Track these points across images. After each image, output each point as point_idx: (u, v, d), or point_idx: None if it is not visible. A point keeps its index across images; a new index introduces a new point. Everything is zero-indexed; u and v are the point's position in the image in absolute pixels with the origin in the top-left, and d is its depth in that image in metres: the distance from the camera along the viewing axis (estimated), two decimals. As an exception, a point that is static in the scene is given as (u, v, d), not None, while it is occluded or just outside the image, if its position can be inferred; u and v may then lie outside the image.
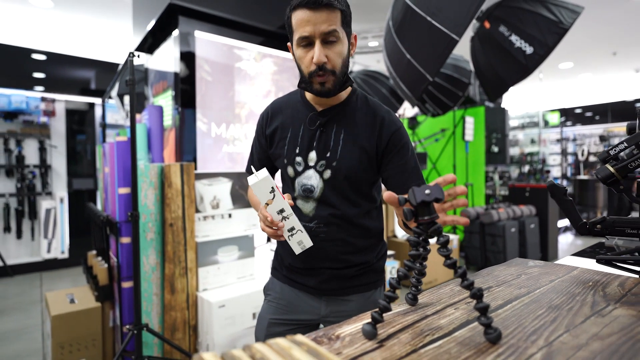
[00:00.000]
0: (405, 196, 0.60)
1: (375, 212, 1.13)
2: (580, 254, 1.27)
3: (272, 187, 0.91)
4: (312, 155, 1.04)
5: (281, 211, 0.93)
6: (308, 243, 0.99)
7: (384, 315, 0.64)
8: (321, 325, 1.17)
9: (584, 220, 1.00)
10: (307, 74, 0.97)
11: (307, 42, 0.94)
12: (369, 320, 0.59)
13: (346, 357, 0.50)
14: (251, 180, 0.90)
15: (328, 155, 1.02)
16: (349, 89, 1.08)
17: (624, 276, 0.88)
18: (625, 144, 0.98)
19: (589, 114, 10.48)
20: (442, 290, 0.80)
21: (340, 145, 1.02)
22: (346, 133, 1.03)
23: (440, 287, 0.82)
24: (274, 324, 1.11)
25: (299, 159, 1.05)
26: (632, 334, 0.57)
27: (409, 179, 1.02)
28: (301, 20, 0.92)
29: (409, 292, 0.71)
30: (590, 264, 1.10)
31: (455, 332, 0.59)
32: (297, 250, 0.99)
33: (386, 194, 0.65)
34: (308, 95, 1.08)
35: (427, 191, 0.57)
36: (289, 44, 1.04)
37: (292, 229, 0.96)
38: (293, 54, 1.02)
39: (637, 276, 0.89)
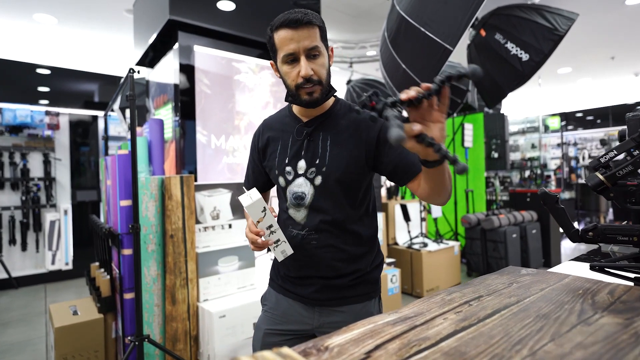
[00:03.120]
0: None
1: (367, 219, 1.14)
2: (577, 260, 1.28)
3: (264, 207, 1.00)
4: (301, 163, 1.08)
5: (270, 227, 1.02)
6: (289, 251, 1.07)
7: (374, 325, 0.66)
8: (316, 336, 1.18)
9: (576, 228, 1.02)
10: (294, 87, 1.03)
11: (293, 59, 1.00)
12: (360, 327, 0.61)
13: (333, 368, 0.52)
14: (245, 201, 0.99)
15: (317, 162, 1.07)
16: (333, 98, 1.14)
17: (615, 284, 0.89)
18: (615, 152, 1.00)
19: (589, 117, 10.47)
20: (433, 299, 0.82)
21: (328, 151, 1.07)
22: (332, 139, 1.07)
23: (432, 296, 0.84)
24: (269, 334, 1.14)
25: (288, 168, 1.10)
26: (615, 343, 0.58)
27: (405, 171, 1.03)
28: (284, 39, 0.99)
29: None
30: (586, 270, 1.11)
31: (441, 343, 0.60)
32: (280, 257, 1.07)
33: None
34: (295, 108, 1.14)
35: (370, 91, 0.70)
36: (271, 62, 1.10)
37: (278, 240, 1.05)
38: (277, 71, 1.08)
39: (630, 283, 0.90)
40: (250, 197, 0.99)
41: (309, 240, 1.08)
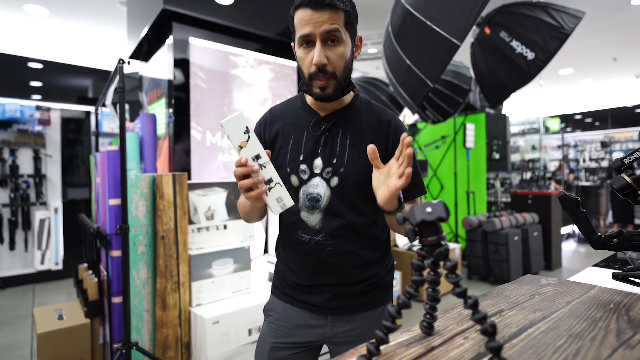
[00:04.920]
0: (405, 214, 0.54)
1: (381, 220, 1.07)
2: (596, 266, 1.20)
3: (247, 127, 0.82)
4: (318, 162, 0.99)
5: (257, 157, 0.84)
6: (289, 201, 0.87)
7: (386, 346, 0.57)
8: (325, 348, 1.12)
9: (599, 234, 0.93)
10: (307, 76, 0.94)
11: (308, 42, 0.92)
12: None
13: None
14: (224, 120, 0.82)
15: (334, 161, 0.98)
16: (352, 93, 1.05)
17: (647, 297, 0.81)
18: (641, 152, 0.91)
19: (589, 119, 10.44)
20: (449, 314, 0.73)
21: (347, 151, 0.98)
22: (352, 138, 0.99)
23: (447, 310, 0.75)
24: (276, 348, 1.05)
25: (303, 166, 0.99)
26: (670, 372, 0.50)
27: (411, 187, 0.99)
28: (302, 20, 0.91)
29: (423, 320, 0.63)
30: (606, 277, 1.02)
31: (466, 370, 0.51)
32: (276, 209, 0.86)
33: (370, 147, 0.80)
34: (309, 100, 1.04)
35: (428, 209, 0.50)
36: (292, 44, 1.00)
37: (270, 180, 0.85)
38: (295, 55, 0.99)
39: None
40: (229, 114, 0.84)
41: (324, 246, 0.98)
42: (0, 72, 4.63)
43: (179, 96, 2.40)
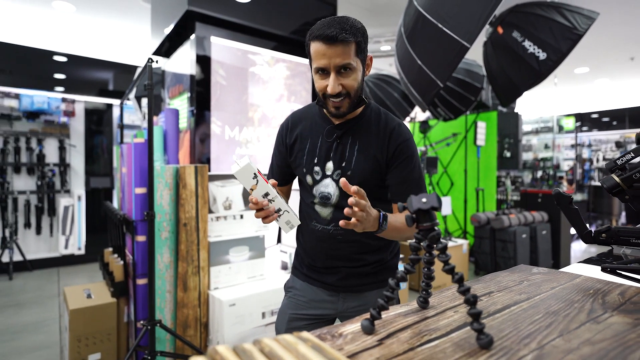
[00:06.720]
0: (405, 204, 0.65)
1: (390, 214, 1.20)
2: (588, 261, 1.27)
3: (254, 173, 0.96)
4: (329, 165, 1.13)
5: (266, 195, 0.99)
6: (295, 222, 1.05)
7: (387, 316, 0.68)
8: (338, 320, 1.26)
9: (589, 229, 1.02)
10: (322, 96, 1.07)
11: (323, 72, 1.03)
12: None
13: (347, 352, 0.54)
14: (233, 168, 0.96)
15: (343, 165, 1.11)
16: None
17: (627, 285, 0.89)
18: (633, 154, 0.99)
19: (605, 119, 10.25)
20: (444, 293, 0.83)
21: (355, 156, 1.11)
22: (360, 144, 1.11)
23: (443, 290, 0.85)
24: (294, 318, 1.20)
25: (317, 168, 1.14)
26: (624, 340, 0.59)
27: (409, 190, 1.10)
28: (317, 53, 1.01)
29: (419, 296, 0.74)
30: (597, 272, 1.11)
31: (452, 334, 0.61)
32: (287, 229, 1.05)
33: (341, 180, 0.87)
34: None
35: (423, 199, 0.61)
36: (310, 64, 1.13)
37: (279, 210, 1.02)
38: (312, 75, 1.11)
39: None
40: (238, 164, 0.96)
41: (334, 235, 1.13)
42: (27, 65, 4.83)
43: (200, 92, 2.53)
